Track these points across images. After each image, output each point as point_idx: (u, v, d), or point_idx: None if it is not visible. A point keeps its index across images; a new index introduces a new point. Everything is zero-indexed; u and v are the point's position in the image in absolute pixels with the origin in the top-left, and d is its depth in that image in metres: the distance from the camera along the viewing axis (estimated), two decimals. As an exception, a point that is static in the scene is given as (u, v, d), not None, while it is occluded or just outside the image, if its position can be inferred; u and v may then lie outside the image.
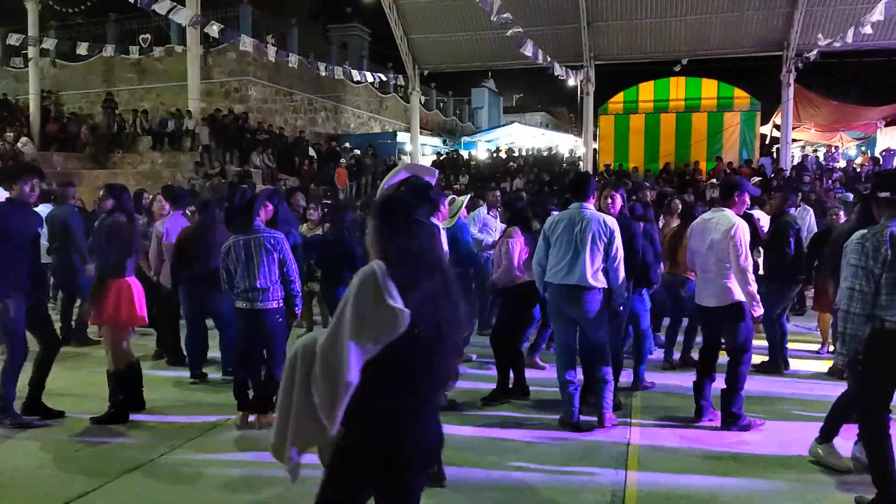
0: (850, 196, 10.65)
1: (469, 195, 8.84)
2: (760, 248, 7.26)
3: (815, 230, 9.52)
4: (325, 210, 8.87)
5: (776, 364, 6.96)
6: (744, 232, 5.12)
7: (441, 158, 26.55)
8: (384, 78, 26.29)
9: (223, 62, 23.39)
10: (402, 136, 27.46)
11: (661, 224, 7.82)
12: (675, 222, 7.51)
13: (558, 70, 19.92)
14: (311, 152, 23.00)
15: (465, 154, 28.22)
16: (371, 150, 24.19)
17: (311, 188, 18.36)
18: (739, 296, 5.12)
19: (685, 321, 7.30)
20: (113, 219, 5.55)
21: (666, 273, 7.10)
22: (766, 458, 4.69)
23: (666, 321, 7.69)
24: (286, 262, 5.32)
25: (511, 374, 6.11)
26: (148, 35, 24.28)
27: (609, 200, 5.54)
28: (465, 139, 32.57)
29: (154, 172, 20.03)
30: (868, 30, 15.67)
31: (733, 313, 5.14)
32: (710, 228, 5.29)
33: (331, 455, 2.39)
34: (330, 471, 2.39)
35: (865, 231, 3.80)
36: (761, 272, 7.06)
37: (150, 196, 8.52)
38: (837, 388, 4.73)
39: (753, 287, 5.06)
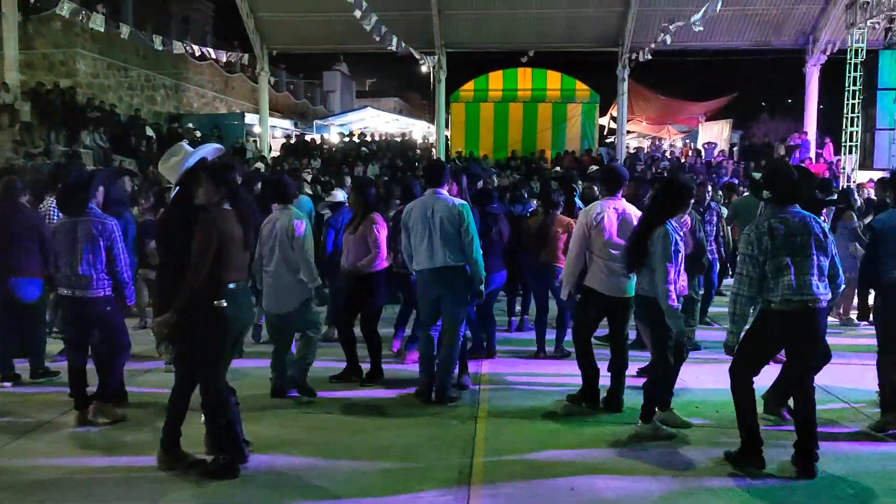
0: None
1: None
2: None
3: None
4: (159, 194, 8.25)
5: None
6: None
7: (291, 141, 25.87)
8: (229, 56, 25.10)
9: (47, 31, 21.27)
10: (250, 118, 26.41)
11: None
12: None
13: (414, 55, 20.01)
14: (150, 132, 21.55)
15: (317, 138, 27.67)
16: (217, 132, 23.05)
17: (150, 170, 17.20)
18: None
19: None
20: None
21: (539, 262, 7.05)
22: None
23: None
24: (113, 249, 4.98)
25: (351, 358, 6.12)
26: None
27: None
28: (317, 122, 31.93)
29: (-36, 151, 17.90)
30: (699, 27, 17.05)
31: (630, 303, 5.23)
32: (630, 219, 5.23)
33: None
34: None
35: (752, 224, 4.21)
36: None
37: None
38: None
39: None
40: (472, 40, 23.11)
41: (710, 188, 9.28)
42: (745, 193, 8.37)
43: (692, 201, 5.00)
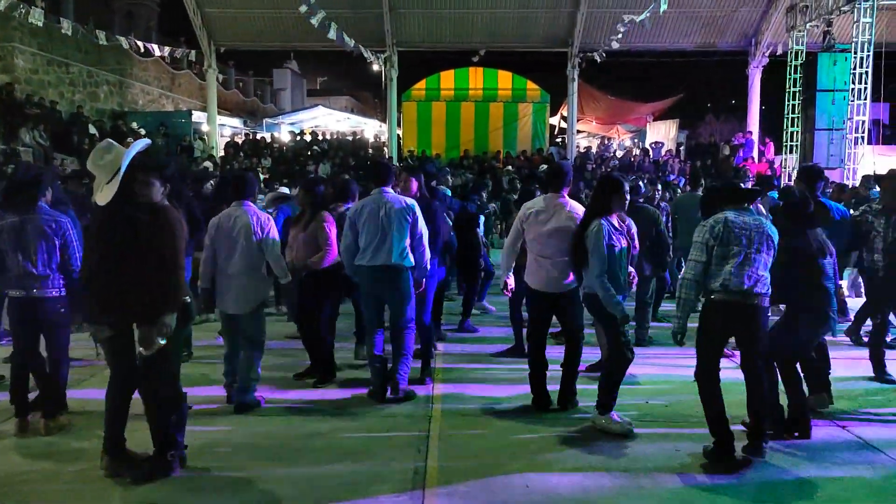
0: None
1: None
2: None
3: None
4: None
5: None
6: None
7: (239, 140, 25.44)
8: (175, 53, 24.52)
9: (-19, 25, 20.44)
10: (198, 116, 25.85)
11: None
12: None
13: (365, 53, 19.89)
14: (93, 130, 20.91)
15: (267, 136, 27.28)
16: (163, 130, 22.54)
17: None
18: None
19: None
20: None
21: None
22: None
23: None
24: (69, 247, 4.80)
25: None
26: None
27: (404, 185, 5.94)
28: (267, 121, 31.45)
29: None
30: (647, 25, 17.39)
31: (574, 297, 5.27)
32: (557, 213, 5.23)
33: None
34: None
35: (712, 217, 4.42)
36: None
37: None
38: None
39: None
40: (423, 39, 23.11)
41: (659, 187, 9.48)
42: (687, 191, 8.58)
43: (627, 198, 5.05)
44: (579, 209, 5.21)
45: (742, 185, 5.04)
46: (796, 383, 4.78)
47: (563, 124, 25.75)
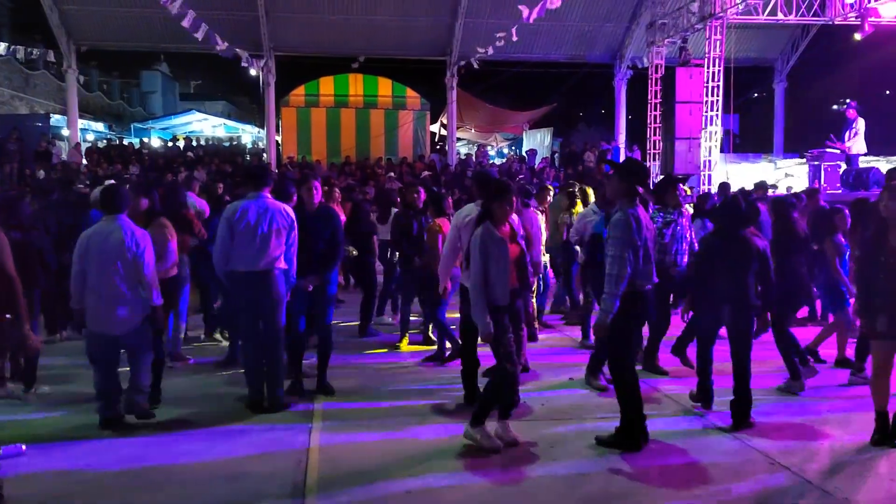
0: None
1: None
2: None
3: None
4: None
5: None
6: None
7: (100, 145, 23.94)
8: (29, 52, 22.81)
9: None
10: (56, 120, 24.15)
11: None
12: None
13: (241, 58, 19.31)
14: (-66, 134, 19.08)
15: (135, 142, 25.89)
16: (16, 135, 20.81)
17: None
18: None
19: None
20: None
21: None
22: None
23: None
24: None
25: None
26: None
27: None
28: (135, 126, 29.89)
29: None
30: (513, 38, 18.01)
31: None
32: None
33: None
34: None
35: (617, 214, 4.61)
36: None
37: None
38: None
39: None
40: (301, 44, 22.74)
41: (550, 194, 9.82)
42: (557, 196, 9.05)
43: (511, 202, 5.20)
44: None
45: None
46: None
47: (444, 131, 26.12)
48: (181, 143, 25.12)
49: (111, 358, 5.06)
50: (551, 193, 9.10)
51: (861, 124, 13.98)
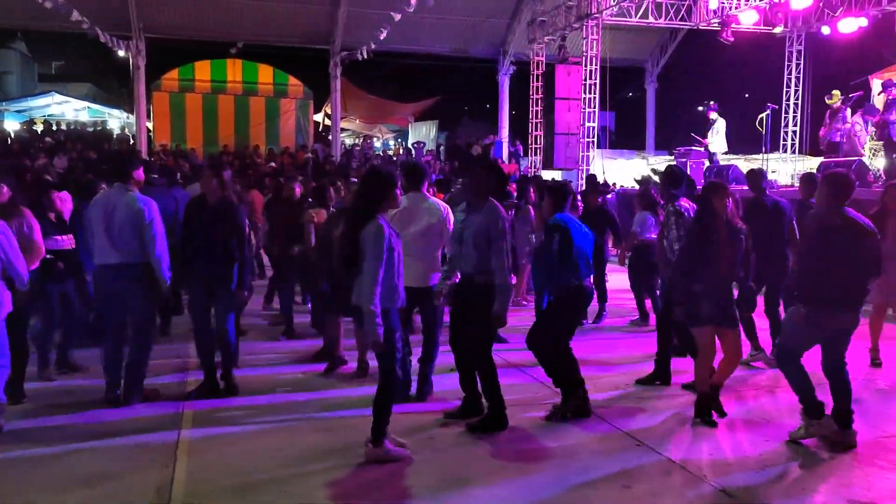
0: None
1: None
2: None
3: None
4: None
5: None
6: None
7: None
8: None
9: None
10: None
11: None
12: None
13: (103, 37, 18.06)
14: None
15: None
16: None
17: None
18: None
19: None
20: None
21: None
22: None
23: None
24: None
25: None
26: None
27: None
28: (-13, 108, 27.38)
29: None
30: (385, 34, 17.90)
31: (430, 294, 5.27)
32: (423, 211, 5.34)
33: None
34: None
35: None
36: None
37: None
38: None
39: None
40: (175, 27, 21.56)
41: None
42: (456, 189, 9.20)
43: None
44: (442, 204, 5.49)
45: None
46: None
47: (328, 121, 25.64)
48: (39, 128, 23.23)
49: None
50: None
51: (721, 124, 14.94)
